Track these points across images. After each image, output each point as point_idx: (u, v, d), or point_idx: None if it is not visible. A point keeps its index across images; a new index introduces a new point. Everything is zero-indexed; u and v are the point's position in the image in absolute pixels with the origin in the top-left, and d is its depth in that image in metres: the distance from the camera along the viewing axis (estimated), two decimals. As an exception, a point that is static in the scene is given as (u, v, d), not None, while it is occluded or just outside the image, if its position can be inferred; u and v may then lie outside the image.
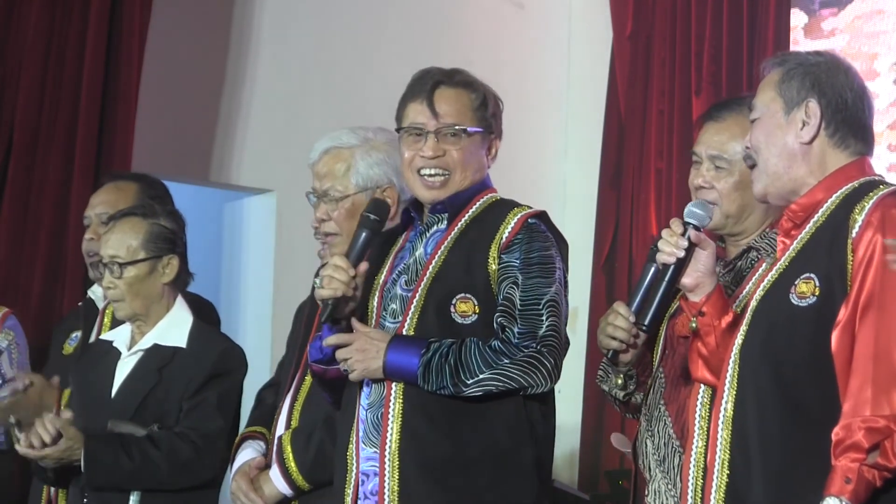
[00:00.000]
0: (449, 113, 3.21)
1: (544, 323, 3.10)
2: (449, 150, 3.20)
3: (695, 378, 2.95)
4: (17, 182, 5.35)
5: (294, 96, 6.52)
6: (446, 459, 3.08)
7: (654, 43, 7.45)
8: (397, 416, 3.09)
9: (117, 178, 4.32)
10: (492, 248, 3.14)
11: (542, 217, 3.22)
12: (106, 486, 3.62)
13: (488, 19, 7.44)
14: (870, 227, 2.66)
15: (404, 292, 3.18)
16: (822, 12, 7.03)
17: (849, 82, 2.85)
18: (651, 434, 3.13)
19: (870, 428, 2.53)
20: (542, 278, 3.13)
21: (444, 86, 3.24)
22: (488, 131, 3.25)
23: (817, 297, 2.67)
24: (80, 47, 5.47)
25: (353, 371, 3.12)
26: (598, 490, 6.89)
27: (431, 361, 3.05)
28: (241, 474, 3.56)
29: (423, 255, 3.21)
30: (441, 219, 3.24)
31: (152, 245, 3.77)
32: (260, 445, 3.63)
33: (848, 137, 2.83)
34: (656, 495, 3.11)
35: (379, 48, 6.82)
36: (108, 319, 4.08)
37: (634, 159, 7.47)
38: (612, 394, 3.22)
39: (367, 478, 3.14)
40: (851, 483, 2.52)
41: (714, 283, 2.88)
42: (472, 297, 3.12)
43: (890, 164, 6.64)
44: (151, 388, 3.70)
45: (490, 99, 3.27)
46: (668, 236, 2.87)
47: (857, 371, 2.59)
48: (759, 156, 2.85)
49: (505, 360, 3.06)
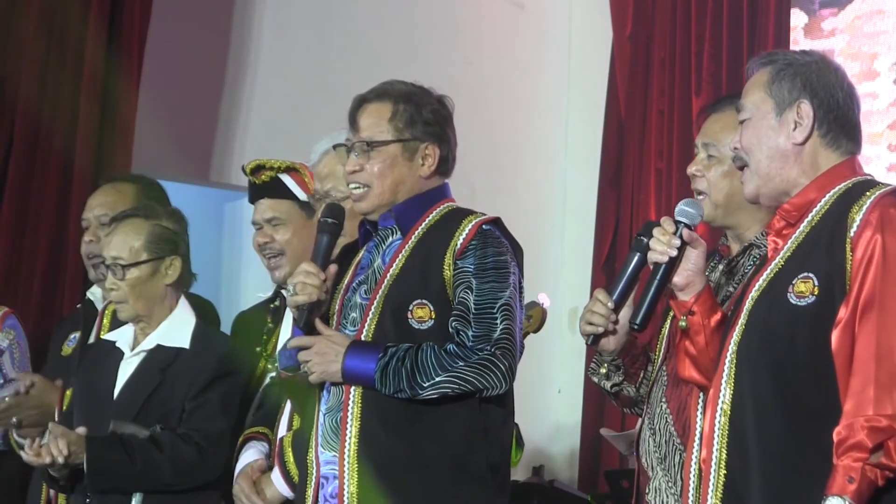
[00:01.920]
0: (364, 127, 3.27)
1: (498, 326, 3.15)
2: (365, 164, 3.25)
3: (682, 377, 2.97)
4: (17, 182, 5.34)
5: (294, 96, 6.52)
6: (402, 462, 3.14)
7: (654, 43, 7.46)
8: (356, 419, 3.15)
9: (115, 180, 4.32)
10: (447, 254, 3.19)
11: (497, 223, 3.26)
12: (109, 488, 3.62)
13: (488, 19, 7.44)
14: (868, 226, 2.66)
15: (363, 300, 3.24)
16: (822, 12, 7.03)
17: (839, 81, 2.85)
18: (653, 432, 3.15)
19: (873, 427, 2.53)
20: (497, 283, 3.17)
21: (367, 102, 3.29)
22: (406, 140, 3.26)
23: (816, 296, 2.67)
24: (80, 47, 5.47)
25: (313, 374, 3.19)
26: (598, 490, 6.89)
27: (389, 365, 3.11)
28: (243, 476, 3.58)
29: (380, 264, 3.27)
30: (394, 231, 3.28)
31: (154, 246, 3.77)
32: (263, 446, 3.65)
33: (840, 137, 2.83)
34: (657, 493, 3.12)
35: (379, 48, 6.82)
36: (108, 321, 4.08)
37: (634, 159, 7.47)
38: (602, 385, 3.24)
39: (326, 481, 3.19)
40: (854, 482, 2.51)
41: (704, 282, 2.90)
42: (428, 303, 3.17)
43: (890, 164, 6.63)
44: (154, 389, 3.70)
45: (408, 107, 3.27)
46: (660, 235, 2.88)
47: (858, 370, 2.59)
48: (750, 157, 2.85)
49: (460, 362, 3.11)
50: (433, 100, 3.32)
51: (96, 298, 4.20)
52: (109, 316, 4.08)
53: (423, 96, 3.31)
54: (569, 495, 6.31)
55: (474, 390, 3.13)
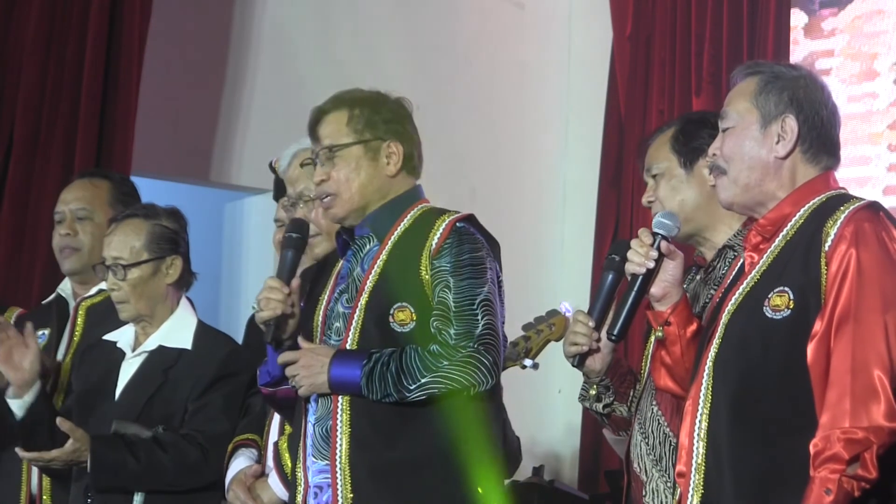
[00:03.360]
0: (325, 136, 3.30)
1: (480, 322, 3.16)
2: (331, 172, 3.27)
3: (658, 387, 3.00)
4: (17, 182, 5.34)
5: (294, 96, 6.51)
6: (396, 463, 3.15)
7: (654, 43, 7.45)
8: (345, 426, 3.17)
9: (89, 176, 4.31)
10: (423, 255, 3.20)
11: (471, 220, 3.27)
12: (112, 488, 3.62)
13: (488, 19, 7.44)
14: (843, 240, 2.68)
15: (345, 309, 3.26)
16: (822, 12, 7.03)
17: (824, 99, 2.87)
18: (644, 436, 3.16)
19: (849, 439, 2.54)
20: (474, 279, 3.18)
21: (325, 112, 3.34)
22: (367, 140, 3.28)
23: (792, 310, 2.69)
24: (80, 47, 5.46)
25: (301, 387, 3.20)
26: (598, 490, 6.89)
27: (374, 371, 3.12)
28: (237, 483, 3.57)
29: (360, 272, 3.28)
30: (370, 238, 3.29)
31: (155, 246, 3.78)
32: (252, 453, 3.64)
33: (820, 154, 2.85)
34: (654, 494, 3.13)
35: (379, 48, 6.82)
36: (82, 319, 4.07)
37: (634, 159, 7.45)
38: (593, 409, 3.27)
39: (320, 490, 3.20)
40: (831, 494, 2.53)
41: (681, 293, 2.93)
42: (408, 305, 3.19)
43: (890, 164, 6.64)
44: (157, 390, 3.71)
45: (363, 109, 3.30)
46: (637, 247, 2.90)
47: (834, 383, 2.60)
48: (729, 165, 2.86)
49: (444, 362, 3.12)
50: (390, 100, 3.34)
51: (67, 294, 4.18)
52: (84, 315, 4.07)
53: (380, 98, 3.34)
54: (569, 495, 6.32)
55: (461, 388, 3.13)
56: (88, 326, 4.04)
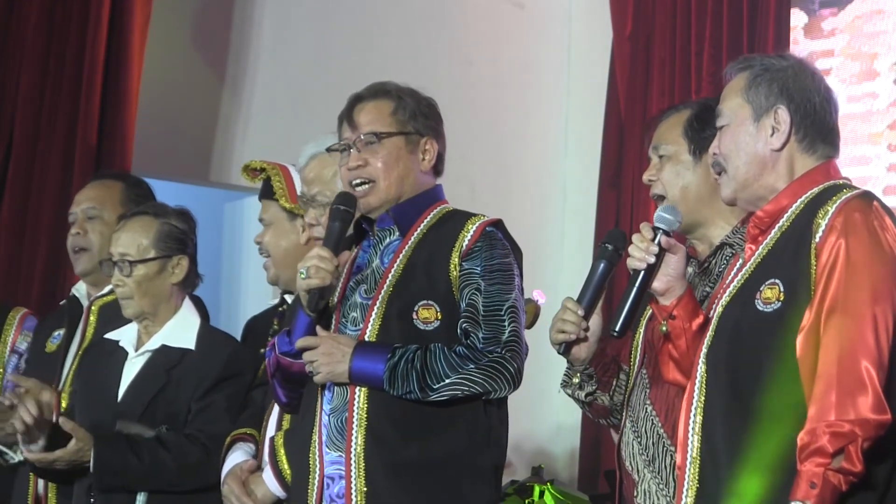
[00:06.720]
0: (366, 123, 3.28)
1: (507, 328, 3.16)
2: (369, 159, 3.25)
3: (667, 380, 2.99)
4: (17, 182, 5.35)
5: (294, 96, 6.52)
6: (411, 463, 3.14)
7: (654, 43, 7.45)
8: (362, 419, 3.14)
9: (103, 177, 4.33)
10: (452, 255, 3.19)
11: (499, 225, 3.28)
12: (115, 487, 3.63)
13: (488, 19, 7.44)
14: (833, 231, 2.67)
15: (364, 300, 3.23)
16: (822, 12, 7.03)
17: (815, 86, 2.85)
18: (637, 435, 3.15)
19: (834, 432, 2.53)
20: (503, 285, 3.19)
21: (363, 101, 3.31)
22: (409, 133, 3.29)
23: (782, 302, 2.68)
24: (80, 47, 5.47)
25: (319, 374, 3.17)
26: (598, 490, 6.89)
27: (398, 366, 3.10)
28: (232, 477, 3.56)
29: (380, 265, 3.26)
30: (392, 231, 3.29)
31: (163, 244, 3.78)
32: (249, 447, 3.64)
33: (816, 142, 2.84)
34: (646, 496, 3.11)
35: (379, 48, 6.82)
36: (94, 317, 4.08)
37: (634, 159, 7.46)
38: (575, 395, 3.26)
39: (332, 481, 3.18)
40: (817, 488, 2.52)
41: (684, 286, 2.91)
42: (434, 304, 3.18)
43: (890, 164, 6.64)
44: (160, 390, 3.71)
45: (408, 101, 3.31)
46: (638, 242, 2.90)
47: (821, 375, 2.59)
48: (728, 163, 2.86)
49: (471, 364, 3.12)
50: (426, 98, 3.36)
51: (81, 294, 4.19)
52: (96, 313, 4.08)
53: (418, 94, 3.34)
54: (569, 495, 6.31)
55: (483, 392, 3.14)
56: (100, 324, 4.05)
